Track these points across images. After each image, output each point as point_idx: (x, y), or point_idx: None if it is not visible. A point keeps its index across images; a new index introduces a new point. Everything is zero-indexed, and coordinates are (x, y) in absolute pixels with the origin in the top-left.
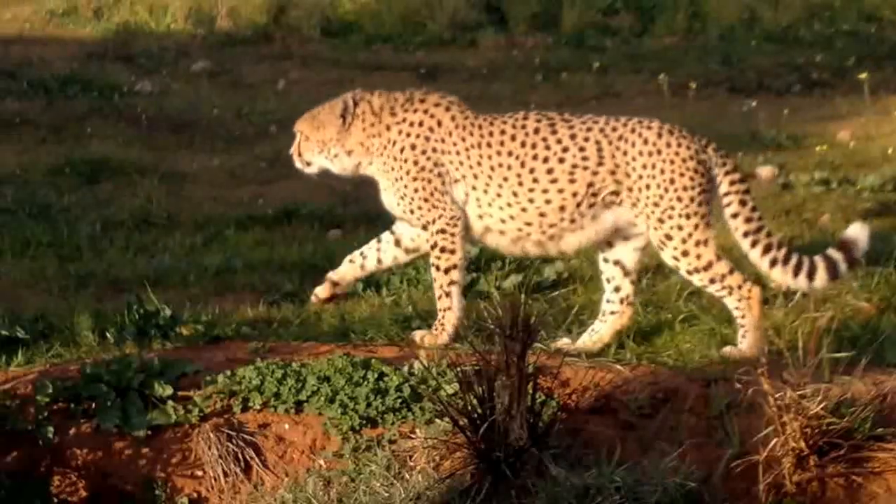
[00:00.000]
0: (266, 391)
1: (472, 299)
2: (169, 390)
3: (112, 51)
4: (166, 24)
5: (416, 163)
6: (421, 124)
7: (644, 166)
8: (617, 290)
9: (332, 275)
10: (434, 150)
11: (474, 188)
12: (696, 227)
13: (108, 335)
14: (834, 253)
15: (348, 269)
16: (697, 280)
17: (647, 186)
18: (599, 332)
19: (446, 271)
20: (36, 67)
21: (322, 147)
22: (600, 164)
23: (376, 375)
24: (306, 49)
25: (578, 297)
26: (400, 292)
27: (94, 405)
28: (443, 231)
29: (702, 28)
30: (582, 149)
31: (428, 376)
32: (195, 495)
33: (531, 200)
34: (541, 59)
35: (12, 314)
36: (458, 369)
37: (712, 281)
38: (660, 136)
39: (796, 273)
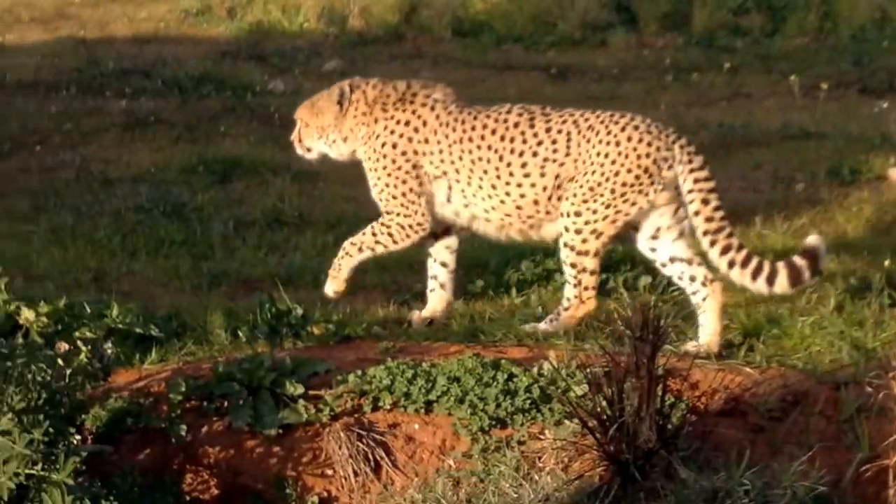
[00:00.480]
0: (396, 391)
1: (602, 300)
2: (300, 389)
3: (245, 50)
4: (299, 23)
5: (393, 161)
6: (407, 124)
7: (598, 154)
8: (692, 279)
9: (426, 313)
10: (415, 151)
11: (458, 181)
12: (605, 217)
13: (240, 334)
14: (798, 260)
15: (436, 299)
16: (565, 256)
17: (592, 172)
18: (705, 325)
19: (371, 248)
20: (170, 66)
21: (321, 133)
22: (567, 154)
23: (506, 376)
24: (437, 49)
25: None
26: (529, 293)
27: (226, 403)
28: (401, 227)
29: (833, 28)
30: (554, 141)
31: (557, 377)
32: (325, 494)
33: (508, 194)
34: (671, 60)
35: (146, 312)
36: (588, 371)
37: (574, 266)
38: (623, 129)
39: (755, 277)
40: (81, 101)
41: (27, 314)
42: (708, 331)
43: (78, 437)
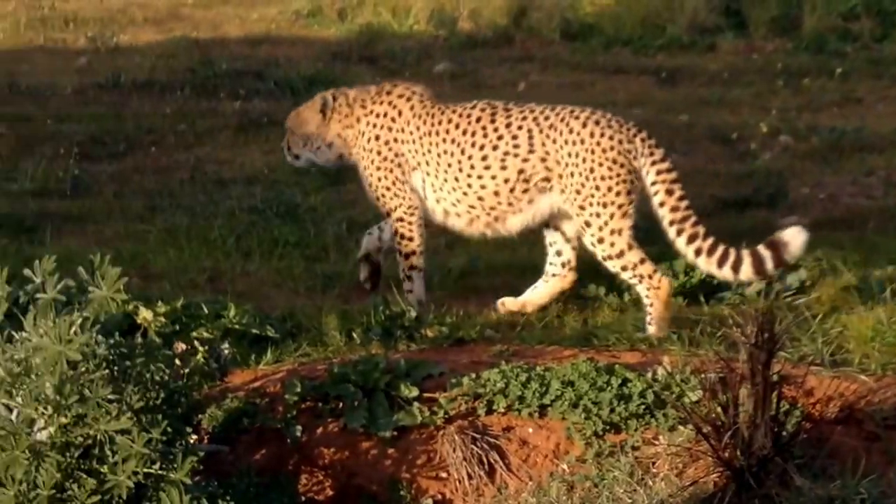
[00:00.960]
0: (510, 394)
1: (716, 305)
2: (415, 392)
3: (356, 51)
4: (409, 25)
5: (379, 153)
6: (385, 115)
7: (569, 154)
8: (559, 254)
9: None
10: (395, 140)
11: (428, 174)
12: (612, 216)
13: (354, 335)
14: (763, 250)
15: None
16: (611, 266)
17: (571, 174)
18: (539, 290)
19: (406, 256)
20: (282, 68)
21: (306, 141)
22: (531, 151)
23: (620, 381)
24: (546, 51)
25: (822, 306)
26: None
27: (341, 405)
28: (401, 219)
29: None
30: (514, 136)
31: (671, 383)
32: (439, 497)
33: (469, 185)
34: (782, 65)
35: (262, 313)
36: (702, 377)
37: (624, 268)
38: (584, 125)
39: (720, 264)
40: (195, 102)
41: (145, 314)
42: (534, 295)
43: (195, 436)
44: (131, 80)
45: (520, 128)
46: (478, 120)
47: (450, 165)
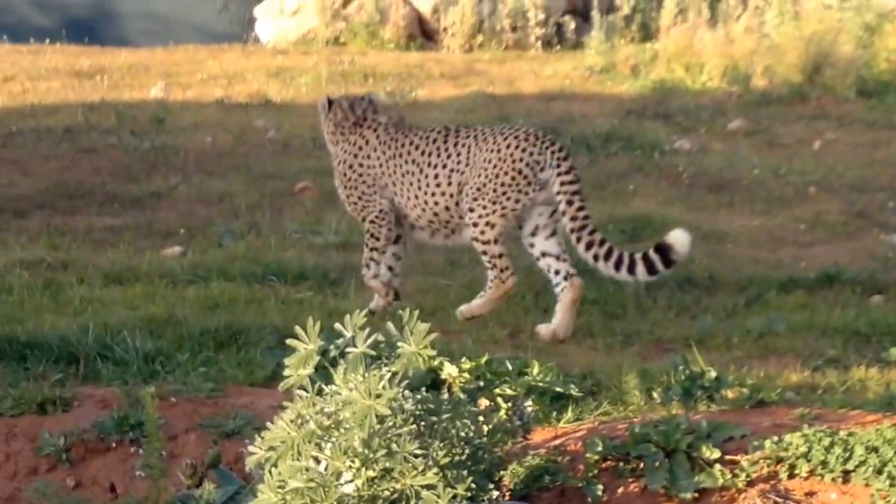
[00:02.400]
0: (813, 459)
1: None
2: (717, 453)
3: (650, 108)
4: (702, 81)
5: (350, 176)
6: (355, 144)
7: (484, 160)
8: (557, 273)
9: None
10: (361, 164)
11: (395, 193)
12: (494, 212)
13: (653, 394)
14: (652, 254)
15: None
16: (477, 248)
17: (478, 175)
18: (557, 313)
19: (371, 249)
20: (577, 123)
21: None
22: (467, 165)
23: None
24: (841, 109)
25: None
26: None
27: (641, 465)
28: (372, 222)
29: None
30: (458, 154)
31: None
32: None
33: (426, 201)
34: None
35: (561, 370)
36: None
37: (485, 254)
38: (505, 139)
39: (618, 268)
40: None
41: (449, 370)
42: (558, 318)
43: (496, 493)
44: None
45: (463, 145)
46: (434, 141)
47: (411, 184)
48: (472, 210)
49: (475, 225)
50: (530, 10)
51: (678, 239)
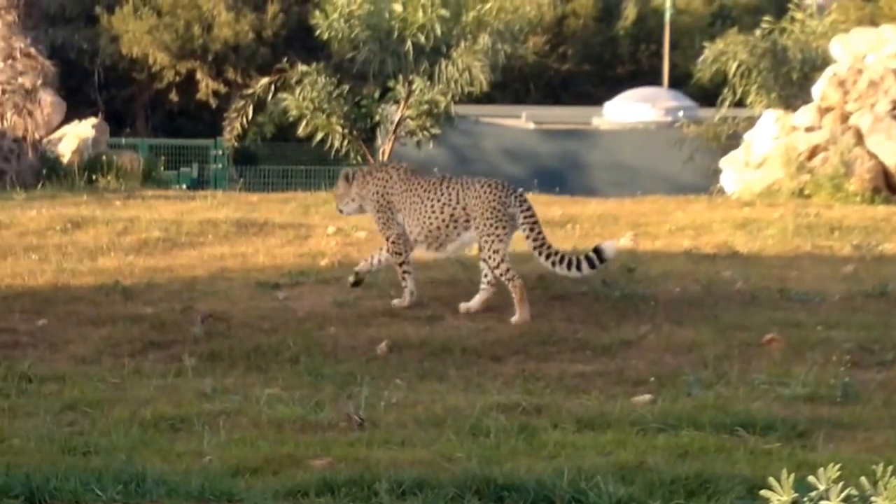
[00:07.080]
0: None
1: None
2: None
3: None
4: None
5: (378, 202)
6: (382, 178)
7: (475, 205)
8: (485, 276)
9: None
10: (386, 193)
11: (405, 217)
12: (494, 240)
13: None
14: (591, 253)
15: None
16: (496, 272)
17: (475, 218)
18: (477, 298)
19: (399, 265)
20: None
21: (346, 198)
22: (458, 203)
23: None
24: None
25: None
26: None
27: None
28: (394, 243)
29: None
30: (450, 195)
31: None
32: None
33: (423, 224)
34: None
35: None
36: None
37: (500, 274)
38: (482, 188)
39: (569, 267)
40: None
41: None
42: (473, 301)
43: None
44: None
45: (454, 189)
46: (433, 183)
47: (416, 210)
48: (482, 247)
49: (488, 256)
50: None
51: (609, 247)
